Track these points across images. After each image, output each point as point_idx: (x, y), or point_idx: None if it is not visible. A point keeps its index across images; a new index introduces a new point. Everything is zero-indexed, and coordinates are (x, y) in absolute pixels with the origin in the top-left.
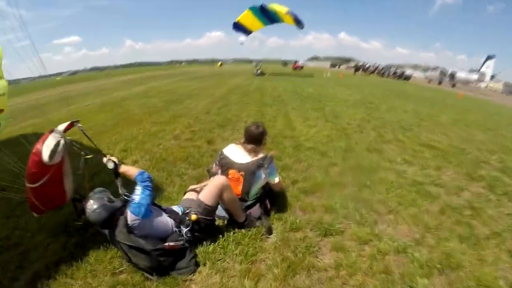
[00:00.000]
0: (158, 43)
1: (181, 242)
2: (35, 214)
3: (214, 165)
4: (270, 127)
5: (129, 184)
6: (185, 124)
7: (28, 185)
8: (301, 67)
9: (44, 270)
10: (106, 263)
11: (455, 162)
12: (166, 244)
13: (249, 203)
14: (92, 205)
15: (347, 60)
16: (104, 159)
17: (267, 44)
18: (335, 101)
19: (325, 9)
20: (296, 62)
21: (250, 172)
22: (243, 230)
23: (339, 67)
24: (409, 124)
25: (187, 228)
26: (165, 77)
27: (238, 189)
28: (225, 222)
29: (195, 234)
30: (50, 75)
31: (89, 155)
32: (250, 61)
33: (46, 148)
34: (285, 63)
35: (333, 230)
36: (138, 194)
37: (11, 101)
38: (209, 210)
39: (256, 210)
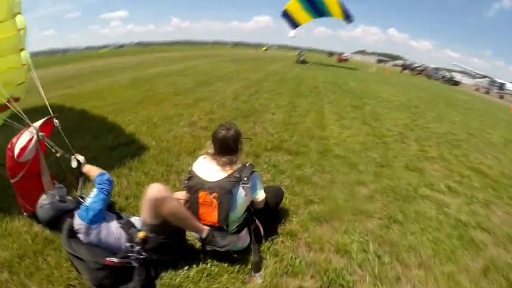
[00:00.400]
0: (205, 23)
1: (127, 260)
2: (24, 214)
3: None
4: (298, 123)
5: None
6: (206, 110)
7: (10, 179)
8: (346, 60)
9: (8, 262)
10: (64, 270)
11: (507, 198)
12: (108, 259)
13: (231, 232)
14: (42, 200)
15: (395, 58)
16: (72, 157)
17: (314, 33)
18: (377, 100)
19: (376, 2)
20: (341, 53)
21: (225, 192)
22: (225, 264)
23: (385, 63)
24: (457, 139)
25: (139, 246)
26: (206, 57)
27: (213, 216)
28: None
29: (152, 254)
30: (97, 47)
31: (58, 152)
32: (295, 49)
33: (18, 144)
34: (330, 53)
35: (340, 283)
36: (91, 197)
37: (56, 69)
38: (155, 229)
39: (243, 238)
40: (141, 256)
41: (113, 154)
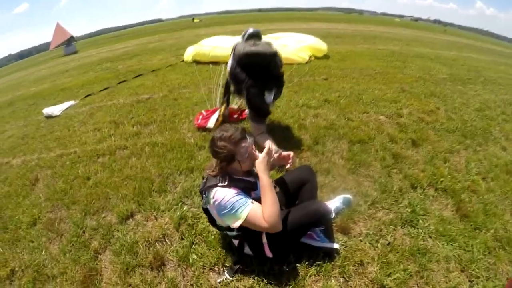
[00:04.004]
0: (510, 14)
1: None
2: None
3: None
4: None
5: None
6: (427, 108)
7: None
8: None
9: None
10: None
11: None
12: None
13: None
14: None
15: None
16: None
17: None
18: None
19: None
20: None
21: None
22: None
23: None
24: None
25: None
26: (495, 54)
27: None
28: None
29: None
30: (391, 15)
31: None
32: None
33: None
34: None
35: None
36: None
37: (339, 26)
38: None
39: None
40: None
41: (299, 111)
